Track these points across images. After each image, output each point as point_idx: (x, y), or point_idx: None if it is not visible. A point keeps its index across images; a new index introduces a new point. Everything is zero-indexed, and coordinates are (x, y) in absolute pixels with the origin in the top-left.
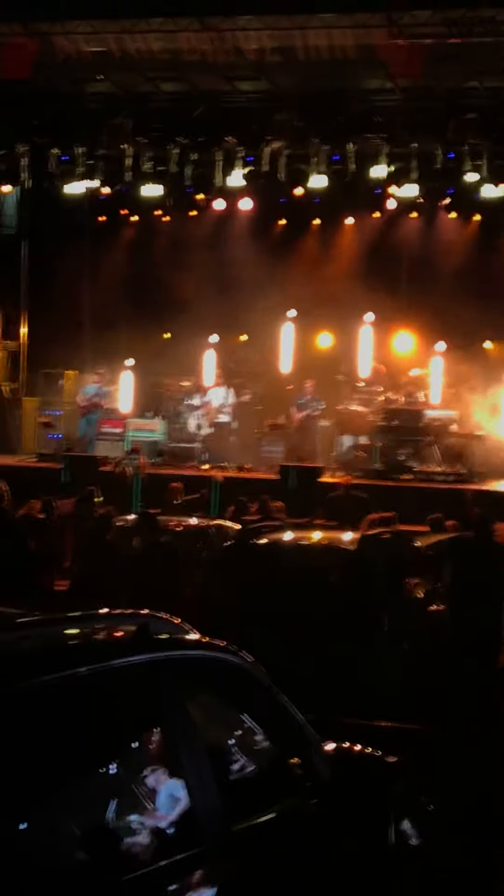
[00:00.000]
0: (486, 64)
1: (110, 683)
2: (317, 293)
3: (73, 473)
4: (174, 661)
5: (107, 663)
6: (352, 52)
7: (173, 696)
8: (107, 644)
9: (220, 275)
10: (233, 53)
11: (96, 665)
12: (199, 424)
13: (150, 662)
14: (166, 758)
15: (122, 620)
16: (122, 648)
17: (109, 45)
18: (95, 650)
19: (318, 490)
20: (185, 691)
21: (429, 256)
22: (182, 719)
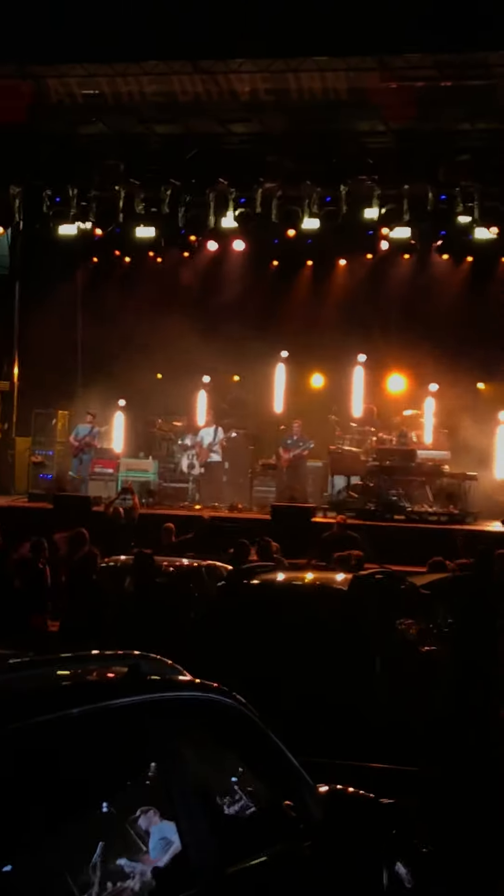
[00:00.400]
0: (477, 106)
1: (101, 725)
2: (309, 334)
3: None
4: (166, 703)
5: (98, 704)
6: (344, 95)
7: (165, 737)
8: (98, 685)
9: (212, 315)
10: (226, 96)
11: (87, 706)
12: (191, 464)
13: (142, 704)
14: (158, 799)
15: (114, 661)
16: (113, 690)
17: (103, 88)
18: (87, 691)
19: (310, 530)
20: (176, 733)
21: (421, 298)
22: (174, 761)
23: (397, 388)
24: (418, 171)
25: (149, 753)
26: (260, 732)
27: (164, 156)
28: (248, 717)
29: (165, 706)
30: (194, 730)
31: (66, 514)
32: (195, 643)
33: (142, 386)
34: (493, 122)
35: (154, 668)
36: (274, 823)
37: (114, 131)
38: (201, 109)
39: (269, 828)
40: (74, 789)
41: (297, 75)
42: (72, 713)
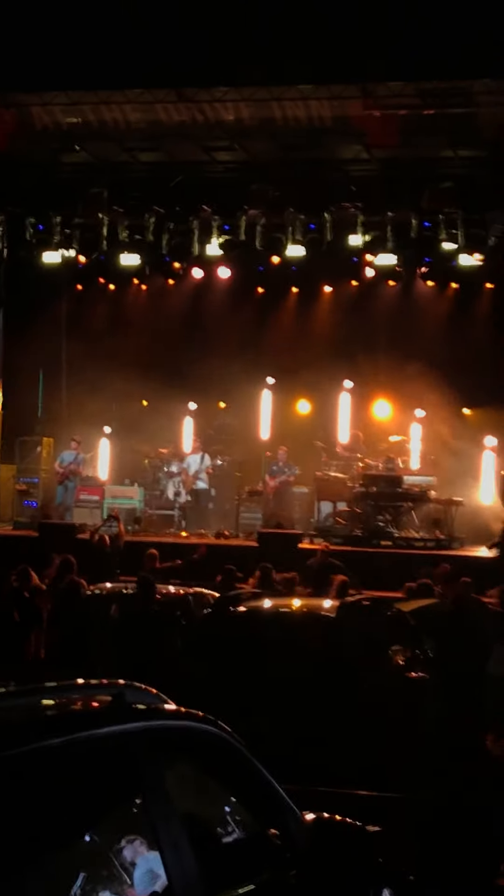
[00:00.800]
0: (460, 134)
1: (86, 754)
2: (295, 360)
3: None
4: (150, 732)
5: (82, 734)
6: (328, 123)
7: (150, 766)
8: (83, 715)
9: (198, 342)
10: (210, 124)
11: (72, 736)
12: (177, 491)
13: (126, 733)
14: (143, 829)
15: (98, 690)
16: (97, 719)
17: (87, 116)
18: (71, 721)
19: (297, 556)
20: (161, 762)
21: (407, 324)
22: (159, 790)
23: (383, 413)
24: (402, 198)
25: (133, 783)
26: (245, 761)
27: (148, 183)
28: (234, 745)
29: (150, 735)
30: (179, 759)
31: (52, 541)
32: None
33: (127, 413)
34: (476, 149)
35: (139, 697)
36: (260, 852)
37: (97, 159)
38: (185, 137)
39: (256, 857)
40: (57, 820)
41: (281, 103)
42: (55, 743)
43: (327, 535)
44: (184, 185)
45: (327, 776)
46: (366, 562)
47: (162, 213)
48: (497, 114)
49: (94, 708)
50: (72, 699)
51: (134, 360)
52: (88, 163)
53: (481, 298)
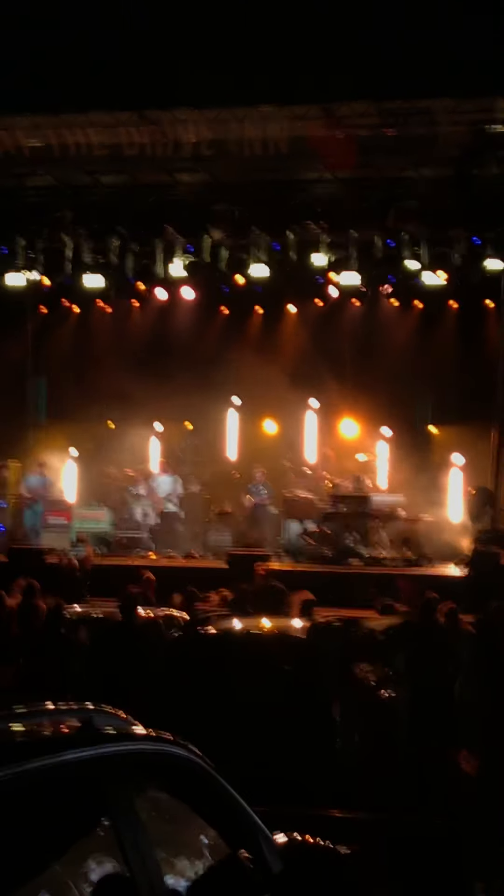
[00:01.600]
0: (422, 154)
1: (54, 780)
2: (261, 380)
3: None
4: (119, 756)
5: (50, 759)
6: (289, 144)
7: (119, 791)
8: (50, 740)
9: (163, 364)
10: (172, 146)
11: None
12: (145, 513)
13: (95, 758)
14: (112, 855)
15: (67, 715)
16: (65, 744)
17: (49, 139)
18: (39, 746)
19: None
20: (131, 786)
21: (372, 343)
22: (128, 815)
23: (350, 432)
24: (366, 217)
25: (103, 808)
26: (216, 783)
27: (111, 205)
28: (204, 768)
29: (119, 759)
30: (149, 782)
31: (21, 566)
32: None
33: (94, 435)
34: (438, 168)
35: (108, 721)
36: (231, 875)
37: (61, 182)
38: (148, 159)
39: (227, 880)
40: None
41: (243, 125)
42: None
43: (296, 554)
44: (147, 207)
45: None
46: (335, 581)
47: (126, 234)
48: (458, 132)
49: (63, 732)
50: (40, 724)
51: (99, 381)
52: (52, 186)
53: (446, 317)
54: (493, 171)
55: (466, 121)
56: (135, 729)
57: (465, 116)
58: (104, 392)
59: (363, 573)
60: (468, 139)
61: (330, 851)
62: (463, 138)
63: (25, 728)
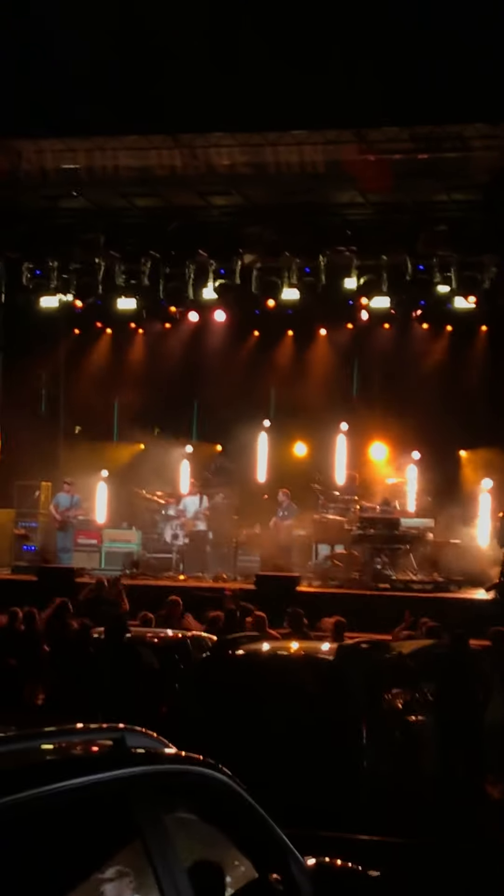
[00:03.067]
0: (453, 178)
1: (86, 800)
2: (291, 403)
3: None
4: (150, 777)
5: (82, 780)
6: (322, 168)
7: (150, 812)
8: (82, 760)
9: (194, 386)
10: (205, 169)
11: (71, 782)
12: (174, 534)
13: (126, 778)
14: (143, 876)
15: (98, 735)
16: (97, 764)
17: (81, 162)
18: (70, 766)
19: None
20: (162, 807)
21: (402, 366)
22: (160, 836)
23: (380, 455)
24: (396, 241)
25: (134, 829)
26: (247, 805)
27: (143, 228)
28: (235, 789)
29: (151, 780)
30: (180, 804)
31: (51, 586)
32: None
33: (124, 456)
34: (469, 193)
35: (139, 742)
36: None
37: (94, 204)
38: (180, 182)
39: None
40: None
41: (276, 149)
42: (54, 789)
43: (325, 577)
44: (180, 230)
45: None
46: (364, 604)
47: (158, 257)
48: (490, 157)
49: (94, 753)
50: (71, 744)
51: (131, 403)
52: (85, 208)
53: (476, 341)
54: None
55: (498, 145)
56: (166, 749)
57: (497, 141)
58: (135, 413)
59: (392, 596)
60: (500, 164)
61: (359, 875)
62: (494, 163)
63: (56, 748)
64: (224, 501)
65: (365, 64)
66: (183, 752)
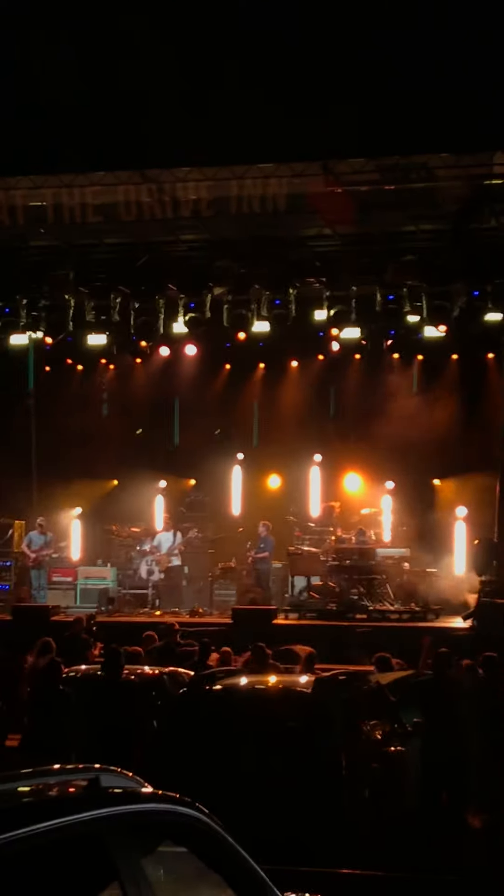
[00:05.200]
0: (420, 208)
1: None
2: (264, 435)
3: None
4: (126, 817)
5: (57, 821)
6: (289, 200)
7: (126, 852)
8: (57, 801)
9: (166, 420)
10: (172, 204)
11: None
12: (149, 570)
13: (102, 819)
14: None
15: (73, 775)
16: (72, 805)
17: (48, 200)
18: (45, 808)
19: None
20: (139, 847)
21: (374, 396)
22: (136, 876)
23: (354, 486)
24: (365, 272)
25: (111, 870)
26: (225, 842)
27: (112, 264)
28: (213, 827)
29: (127, 820)
30: (157, 843)
31: (26, 624)
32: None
33: (98, 493)
34: (437, 222)
35: (115, 782)
36: None
37: (62, 241)
38: (148, 217)
39: None
40: None
41: (243, 182)
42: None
43: (301, 609)
44: (148, 265)
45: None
46: (340, 636)
47: (127, 292)
48: (456, 187)
49: (70, 793)
50: (47, 785)
51: (103, 439)
52: (53, 245)
53: (447, 369)
54: (491, 225)
55: (465, 175)
56: (142, 789)
57: (464, 171)
58: (108, 449)
59: (369, 627)
60: (466, 193)
61: None
62: (461, 192)
63: (32, 789)
64: (198, 536)
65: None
66: (159, 791)
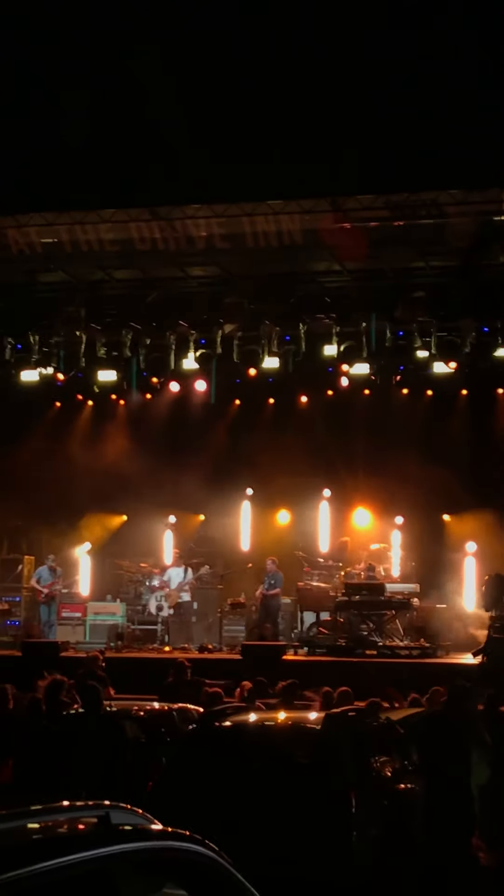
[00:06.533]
0: (430, 244)
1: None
2: (274, 471)
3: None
4: (136, 854)
5: (67, 858)
6: (299, 237)
7: (136, 889)
8: (67, 838)
9: (176, 456)
10: (183, 241)
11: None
12: (159, 605)
13: (112, 856)
14: None
15: (83, 812)
16: (82, 842)
17: (61, 237)
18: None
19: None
20: (148, 884)
21: (384, 432)
22: None
23: (363, 522)
24: (375, 308)
25: None
26: (234, 881)
27: (123, 300)
28: (222, 865)
29: (136, 857)
30: (166, 880)
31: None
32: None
33: (107, 528)
34: (446, 258)
35: (124, 819)
36: None
37: (73, 277)
38: (159, 254)
39: None
40: None
41: (252, 219)
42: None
43: (311, 645)
44: (159, 301)
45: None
46: (350, 671)
47: (138, 328)
48: (465, 223)
49: (79, 831)
50: (57, 822)
51: (113, 475)
52: (64, 281)
53: (456, 405)
54: (500, 261)
55: (474, 211)
56: (152, 826)
57: (473, 207)
58: (118, 485)
59: (379, 663)
60: (475, 229)
61: None
62: (470, 228)
63: (42, 826)
64: (210, 572)
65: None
66: (169, 828)
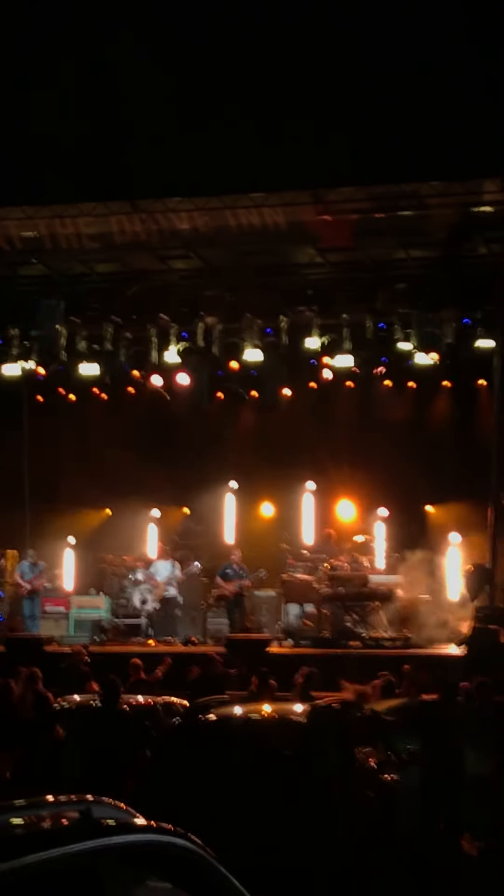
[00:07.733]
0: (411, 236)
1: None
2: (257, 463)
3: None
4: (119, 848)
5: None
6: (282, 228)
7: (119, 883)
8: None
9: (159, 449)
10: (164, 233)
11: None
12: (143, 599)
13: (94, 850)
14: None
15: (65, 806)
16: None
17: (41, 230)
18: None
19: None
20: (131, 878)
21: (367, 424)
22: None
23: (347, 513)
24: (357, 300)
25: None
26: (217, 873)
27: (104, 293)
28: (205, 857)
29: (119, 852)
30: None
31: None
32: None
33: (90, 522)
34: (427, 250)
35: (106, 813)
36: None
37: (54, 271)
38: (140, 247)
39: None
40: None
41: (234, 211)
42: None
43: (295, 637)
44: (140, 295)
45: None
46: (334, 663)
47: (119, 322)
48: (446, 214)
49: (62, 825)
50: (39, 816)
51: (96, 468)
52: (45, 275)
53: (439, 396)
54: (481, 252)
55: (454, 203)
56: (134, 820)
57: (453, 198)
58: (101, 479)
59: (363, 655)
60: (456, 220)
61: None
62: (451, 220)
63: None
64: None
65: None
66: (152, 822)
